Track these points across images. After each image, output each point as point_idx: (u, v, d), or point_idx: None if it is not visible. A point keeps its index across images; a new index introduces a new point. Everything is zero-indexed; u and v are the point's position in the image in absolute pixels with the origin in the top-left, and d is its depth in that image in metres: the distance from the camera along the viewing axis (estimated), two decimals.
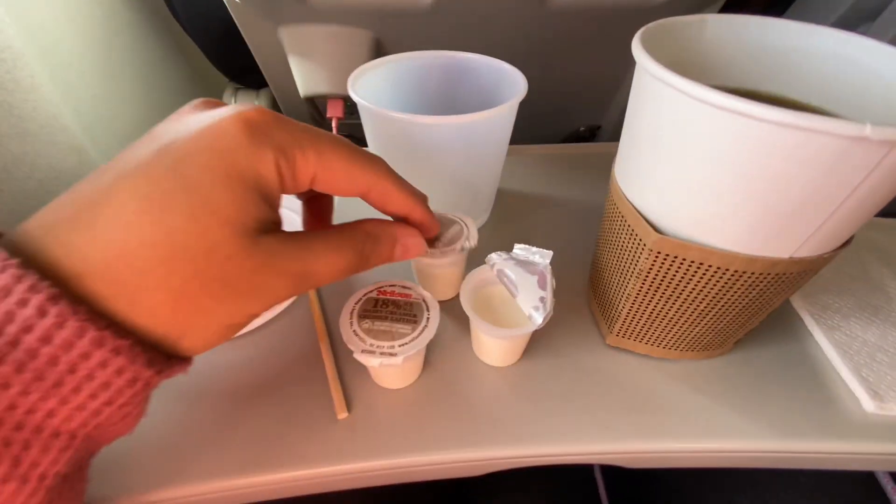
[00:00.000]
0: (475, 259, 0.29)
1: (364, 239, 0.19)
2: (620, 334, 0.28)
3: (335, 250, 0.18)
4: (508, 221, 0.40)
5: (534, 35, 0.52)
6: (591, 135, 0.73)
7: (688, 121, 0.18)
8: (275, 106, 0.74)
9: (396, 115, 0.28)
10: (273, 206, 0.16)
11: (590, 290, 0.32)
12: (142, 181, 0.14)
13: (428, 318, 0.25)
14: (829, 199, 0.17)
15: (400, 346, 0.24)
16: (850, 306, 0.31)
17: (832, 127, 0.15)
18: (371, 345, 0.24)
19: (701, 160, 0.19)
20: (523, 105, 0.32)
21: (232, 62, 0.68)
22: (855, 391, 0.27)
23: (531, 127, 0.76)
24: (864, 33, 0.51)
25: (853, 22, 0.52)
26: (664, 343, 0.27)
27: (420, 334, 0.24)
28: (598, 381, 0.28)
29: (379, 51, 0.54)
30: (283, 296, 0.17)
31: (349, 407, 0.26)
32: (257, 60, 0.57)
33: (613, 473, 0.46)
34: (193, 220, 0.14)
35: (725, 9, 0.53)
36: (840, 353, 0.28)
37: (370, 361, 0.23)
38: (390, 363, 0.23)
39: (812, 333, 0.30)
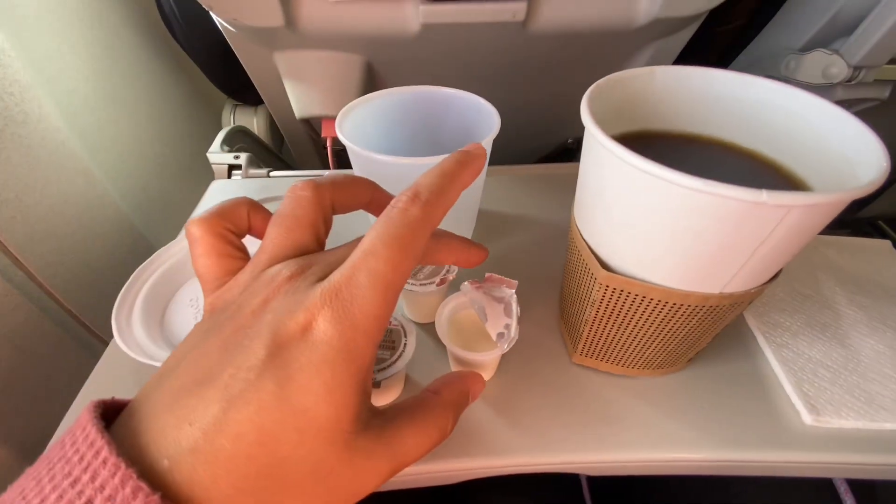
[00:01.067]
0: (456, 282, 0.32)
1: (444, 416, 0.19)
2: (584, 354, 0.31)
3: (423, 433, 0.18)
4: (489, 241, 0.42)
5: (518, 57, 0.54)
6: (578, 146, 0.76)
7: (619, 178, 0.21)
8: (272, 123, 0.77)
9: (379, 157, 0.31)
10: (369, 378, 0.16)
11: (560, 312, 0.35)
12: (254, 410, 0.13)
13: (405, 344, 0.28)
14: (744, 248, 0.20)
15: (378, 371, 0.26)
16: (799, 324, 0.33)
17: (735, 193, 0.18)
18: None
19: (632, 213, 0.21)
20: (514, 121, 0.34)
21: (230, 81, 0.70)
22: (796, 405, 0.29)
23: (521, 140, 0.78)
24: (837, 50, 0.53)
25: (830, 37, 0.54)
26: (622, 362, 0.30)
27: (397, 359, 0.27)
28: (565, 396, 0.30)
29: (370, 74, 0.57)
30: (372, 489, 0.16)
31: None
32: (254, 82, 0.59)
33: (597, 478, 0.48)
34: (302, 445, 0.14)
35: (689, 48, 0.56)
36: (785, 370, 0.30)
37: None
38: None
39: (763, 350, 0.32)
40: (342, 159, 0.52)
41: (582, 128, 0.24)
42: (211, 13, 0.45)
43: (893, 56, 0.51)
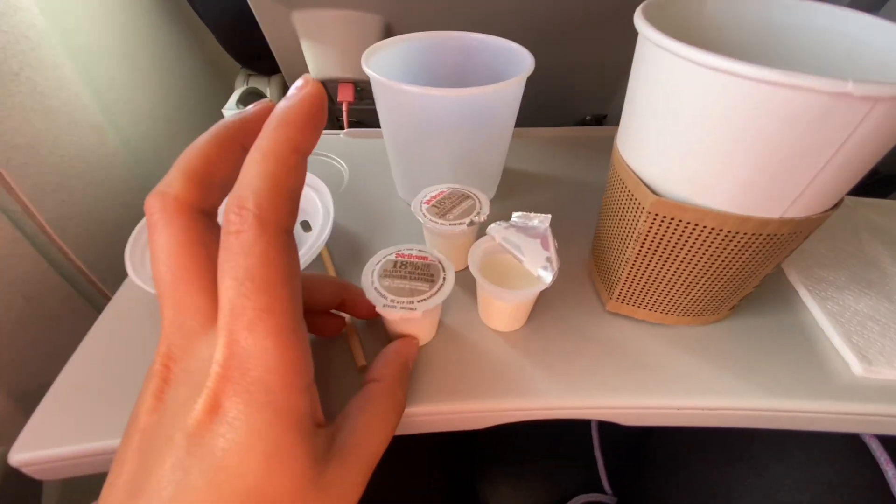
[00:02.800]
0: (481, 232, 0.31)
1: (392, 395, 0.20)
2: (620, 300, 0.29)
3: (381, 424, 0.19)
4: (513, 198, 0.41)
5: (541, 18, 0.53)
6: (597, 123, 0.74)
7: (680, 83, 0.20)
8: (285, 91, 0.75)
9: (407, 87, 0.30)
10: (308, 417, 0.15)
11: (591, 261, 0.33)
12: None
13: (444, 278, 0.26)
14: (816, 157, 0.19)
15: (419, 301, 0.25)
16: (844, 280, 0.32)
17: (815, 83, 0.16)
18: (392, 300, 0.25)
19: (693, 121, 0.20)
20: (531, 93, 0.33)
21: (244, 48, 0.69)
22: (845, 356, 0.28)
23: (539, 115, 0.77)
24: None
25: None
26: (661, 308, 0.28)
27: (438, 291, 0.25)
28: (597, 344, 0.29)
29: (389, 34, 0.56)
30: (358, 498, 0.17)
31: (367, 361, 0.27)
32: (270, 44, 0.58)
33: (611, 450, 0.47)
34: None
35: None
36: (832, 321, 0.29)
37: (392, 314, 0.24)
38: (410, 316, 0.24)
39: (806, 304, 0.31)
40: (357, 127, 0.51)
41: (603, 103, 0.22)
42: None
43: None
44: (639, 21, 0.21)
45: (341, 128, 0.54)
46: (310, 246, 0.32)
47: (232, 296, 0.13)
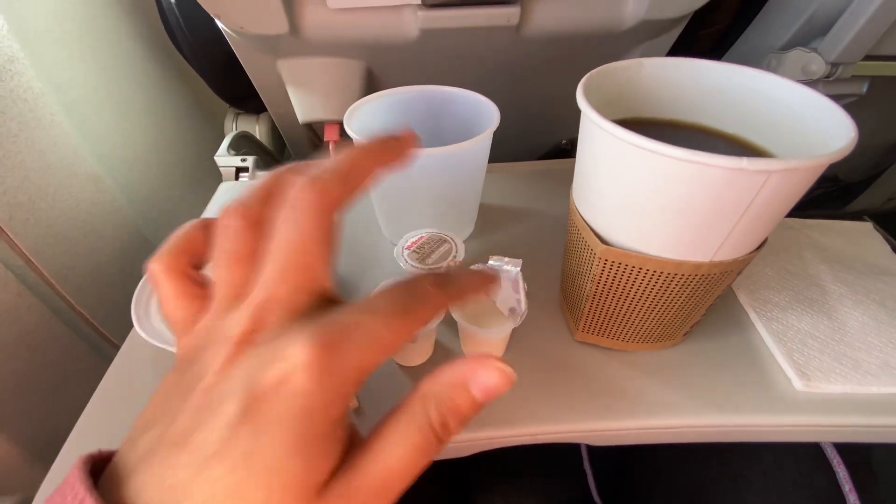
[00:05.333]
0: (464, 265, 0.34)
1: (423, 411, 0.15)
2: (585, 330, 0.32)
3: (400, 447, 0.15)
4: (491, 233, 0.44)
5: (513, 59, 0.57)
6: (572, 146, 0.78)
7: (615, 154, 0.23)
8: (273, 130, 0.79)
9: None
10: (340, 428, 0.15)
11: (561, 293, 0.36)
12: (225, 471, 0.13)
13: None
14: (730, 215, 0.22)
15: None
16: (787, 300, 0.35)
17: (718, 161, 0.19)
18: None
19: (628, 186, 0.23)
20: (509, 122, 0.36)
21: (232, 89, 0.72)
22: (787, 373, 0.31)
23: (517, 141, 0.81)
24: (815, 48, 0.56)
25: (807, 37, 0.57)
26: (622, 336, 0.31)
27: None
28: (568, 372, 0.32)
29: (371, 79, 0.59)
30: None
31: (360, 396, 0.30)
32: (257, 89, 0.61)
33: (600, 463, 0.50)
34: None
35: (675, 51, 0.58)
36: (776, 341, 0.32)
37: None
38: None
39: (754, 325, 0.34)
40: None
41: (576, 128, 0.26)
42: (217, 21, 0.47)
43: (868, 53, 0.54)
44: (580, 98, 0.25)
45: None
46: None
47: (379, 300, 0.15)
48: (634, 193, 0.23)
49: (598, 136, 0.24)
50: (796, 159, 0.19)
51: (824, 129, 0.24)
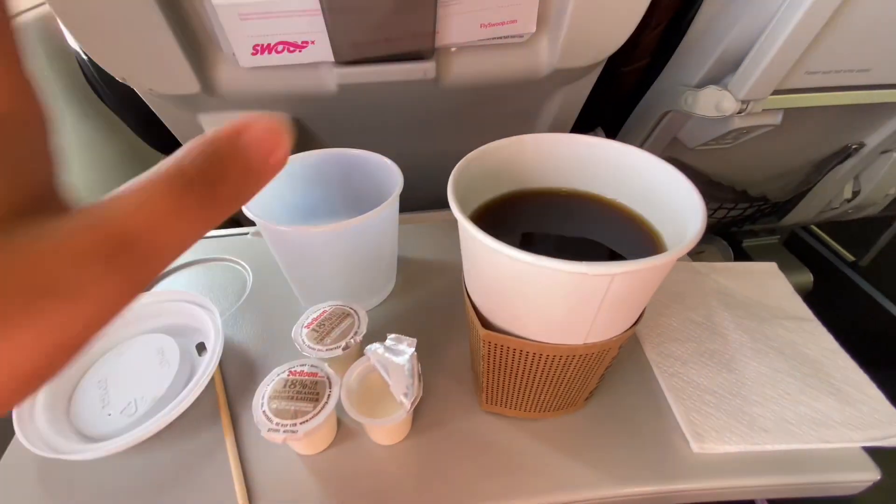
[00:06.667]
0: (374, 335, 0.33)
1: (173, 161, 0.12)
2: (489, 402, 0.32)
3: (137, 194, 0.10)
4: (411, 290, 0.44)
5: (436, 107, 0.57)
6: None
7: (476, 251, 0.23)
8: None
9: (284, 228, 0.32)
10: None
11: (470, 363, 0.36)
12: None
13: (329, 395, 0.29)
14: (588, 307, 0.22)
15: (301, 423, 0.27)
16: (690, 352, 0.36)
17: (562, 266, 0.20)
18: (277, 423, 0.27)
19: (497, 280, 0.23)
20: (438, 167, 0.35)
21: (163, 139, 0.71)
22: (686, 433, 0.31)
23: (445, 186, 0.81)
24: (726, 85, 0.58)
25: (720, 74, 0.59)
26: (522, 407, 0.31)
27: (320, 411, 0.28)
28: (474, 444, 0.31)
29: (299, 128, 0.59)
30: (99, 289, 0.10)
31: (254, 493, 0.29)
32: (181, 141, 0.60)
33: None
34: None
35: (599, 88, 0.60)
36: (674, 399, 0.33)
37: (275, 439, 0.27)
38: (293, 439, 0.27)
39: (658, 381, 0.35)
40: None
41: None
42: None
43: (776, 88, 0.56)
44: (450, 187, 0.25)
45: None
46: (204, 368, 0.33)
47: None
48: (500, 285, 0.23)
49: (463, 230, 0.24)
50: (633, 262, 0.19)
51: (682, 207, 0.25)
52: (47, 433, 0.31)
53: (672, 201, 0.26)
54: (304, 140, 0.60)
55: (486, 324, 0.27)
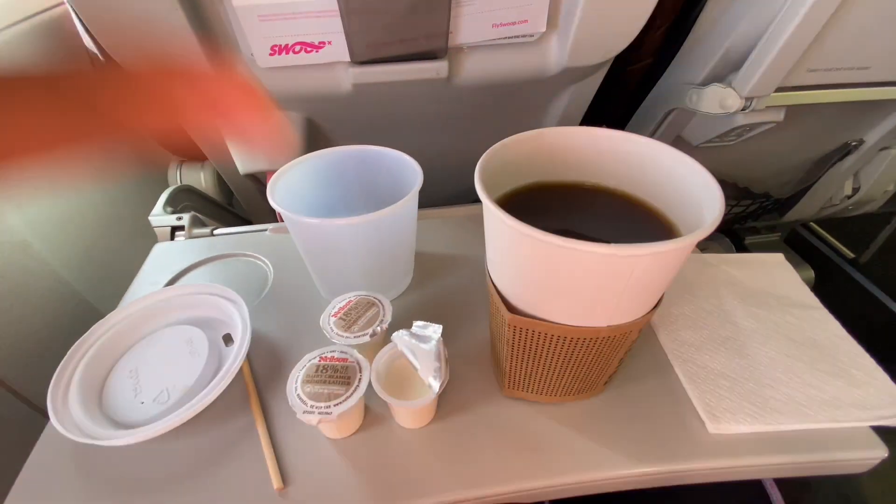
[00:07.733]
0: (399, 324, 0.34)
1: None
2: (511, 387, 0.33)
3: None
4: (429, 283, 0.45)
5: (448, 105, 0.59)
6: None
7: (506, 236, 0.24)
8: (220, 176, 0.78)
9: (308, 219, 0.33)
10: None
11: (490, 349, 0.37)
12: None
13: (360, 379, 0.30)
14: (613, 289, 0.23)
15: (335, 405, 0.28)
16: (703, 339, 0.37)
17: (592, 248, 0.21)
18: (311, 406, 0.28)
19: (524, 264, 0.24)
20: (448, 164, 0.36)
21: (174, 140, 0.72)
22: (701, 415, 0.32)
23: (457, 184, 0.83)
24: (730, 83, 0.59)
25: (724, 72, 0.61)
26: (543, 391, 0.32)
27: (353, 393, 0.29)
28: (497, 428, 0.32)
29: (311, 128, 0.60)
30: None
31: (286, 475, 0.30)
32: (198, 144, 0.61)
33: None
34: None
35: (605, 86, 0.61)
36: (689, 383, 0.34)
37: (310, 421, 0.28)
38: (327, 420, 0.28)
39: (672, 366, 0.36)
40: None
41: None
42: None
43: (779, 85, 0.58)
44: (476, 177, 0.26)
45: (276, 215, 0.57)
46: (232, 360, 0.34)
47: None
48: (528, 269, 0.24)
49: (491, 217, 0.25)
50: (662, 243, 0.21)
51: (700, 195, 0.26)
52: (82, 420, 0.31)
53: (689, 192, 0.27)
54: (318, 139, 0.61)
55: (511, 308, 0.28)
